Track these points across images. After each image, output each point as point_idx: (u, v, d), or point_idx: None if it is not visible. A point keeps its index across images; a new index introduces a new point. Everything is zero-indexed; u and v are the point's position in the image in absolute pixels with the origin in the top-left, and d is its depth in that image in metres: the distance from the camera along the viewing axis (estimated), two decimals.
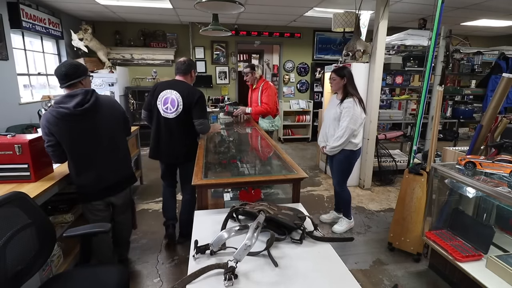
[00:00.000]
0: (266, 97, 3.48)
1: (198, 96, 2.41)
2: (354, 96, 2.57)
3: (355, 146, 2.63)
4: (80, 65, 1.86)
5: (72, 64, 1.83)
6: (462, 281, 1.98)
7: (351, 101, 2.54)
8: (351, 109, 2.52)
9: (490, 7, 4.46)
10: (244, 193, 1.72)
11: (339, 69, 2.67)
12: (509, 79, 1.93)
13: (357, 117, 2.53)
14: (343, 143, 2.57)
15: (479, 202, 2.17)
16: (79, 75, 1.82)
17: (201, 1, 2.47)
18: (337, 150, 2.62)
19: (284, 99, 6.78)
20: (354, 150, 2.64)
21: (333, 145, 2.61)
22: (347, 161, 2.69)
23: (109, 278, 1.43)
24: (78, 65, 1.85)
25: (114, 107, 1.99)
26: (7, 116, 3.60)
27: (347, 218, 2.89)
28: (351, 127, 2.52)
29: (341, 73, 2.61)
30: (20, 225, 1.28)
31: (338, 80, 2.62)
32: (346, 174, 2.77)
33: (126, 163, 2.09)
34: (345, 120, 2.54)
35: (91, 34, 5.19)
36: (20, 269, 1.26)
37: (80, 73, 1.82)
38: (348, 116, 2.52)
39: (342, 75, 2.61)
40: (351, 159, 2.69)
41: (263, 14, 5.20)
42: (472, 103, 4.73)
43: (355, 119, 2.52)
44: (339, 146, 2.59)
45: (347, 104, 2.55)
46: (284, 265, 1.09)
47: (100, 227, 1.54)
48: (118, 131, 2.02)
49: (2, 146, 1.76)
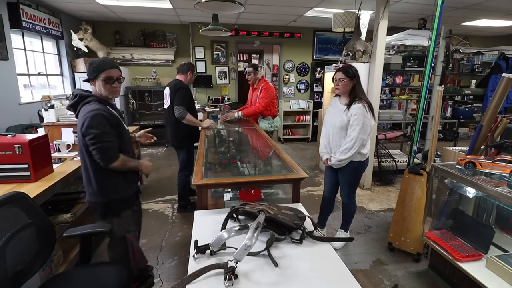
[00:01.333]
0: (262, 97, 3.55)
1: (178, 87, 2.93)
2: (363, 100, 2.20)
3: (363, 156, 2.31)
4: (91, 63, 1.63)
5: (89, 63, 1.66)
6: (462, 281, 1.98)
7: (360, 107, 2.17)
8: (361, 117, 2.15)
9: (490, 7, 4.46)
10: (244, 193, 1.72)
11: (347, 68, 2.25)
12: (509, 79, 1.93)
13: (367, 126, 2.18)
14: (352, 156, 2.22)
15: (479, 202, 2.17)
16: (89, 75, 1.66)
17: (201, 1, 2.47)
18: (344, 163, 2.27)
19: (284, 99, 6.78)
20: (363, 161, 2.32)
21: (340, 157, 2.24)
22: (355, 173, 2.37)
23: (108, 278, 1.43)
24: (90, 63, 1.64)
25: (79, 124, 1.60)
26: (7, 116, 3.60)
27: (344, 231, 2.64)
28: (362, 137, 2.17)
29: (351, 73, 2.22)
30: (20, 225, 1.28)
31: (347, 81, 2.22)
32: (354, 186, 2.48)
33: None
34: (354, 129, 2.17)
35: (91, 34, 5.19)
36: (20, 269, 1.26)
37: (88, 73, 1.65)
38: (358, 125, 2.16)
39: (351, 76, 2.21)
40: (360, 171, 2.38)
41: (263, 14, 5.20)
42: (472, 103, 4.72)
43: (365, 128, 2.17)
44: (348, 159, 2.24)
45: (356, 110, 2.17)
46: (284, 265, 1.09)
47: (99, 227, 1.54)
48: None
49: (2, 146, 1.76)
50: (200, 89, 6.38)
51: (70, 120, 2.62)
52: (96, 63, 1.60)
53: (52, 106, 2.69)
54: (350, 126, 2.21)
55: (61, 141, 2.50)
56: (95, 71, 1.59)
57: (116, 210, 1.70)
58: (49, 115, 2.62)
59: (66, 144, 2.50)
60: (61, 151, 2.48)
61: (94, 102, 1.59)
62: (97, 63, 1.60)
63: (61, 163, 2.25)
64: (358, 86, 2.24)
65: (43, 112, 2.66)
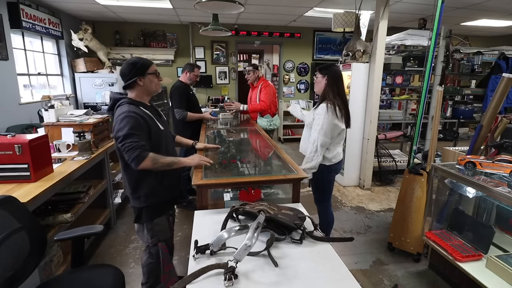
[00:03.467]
0: (264, 95, 3.54)
1: (173, 89, 3.14)
2: (330, 101, 2.07)
3: (328, 161, 2.16)
4: (133, 63, 1.61)
5: (127, 62, 1.62)
6: (462, 281, 1.98)
7: (323, 107, 2.07)
8: (321, 117, 2.06)
9: (490, 7, 4.46)
10: (244, 193, 1.72)
11: (322, 66, 2.19)
12: (509, 79, 1.93)
13: (327, 128, 2.06)
14: (316, 164, 2.09)
15: (479, 202, 2.17)
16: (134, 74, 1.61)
17: (201, 1, 2.47)
18: (310, 171, 2.10)
19: (284, 99, 6.78)
20: (327, 165, 2.16)
21: (304, 167, 2.08)
22: (320, 177, 2.18)
23: (104, 281, 1.41)
24: (132, 63, 1.61)
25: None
26: (7, 116, 3.60)
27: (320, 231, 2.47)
28: (321, 138, 2.06)
29: (324, 71, 2.14)
30: (9, 229, 1.25)
31: (320, 79, 2.15)
32: (323, 191, 2.32)
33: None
34: (315, 130, 2.09)
35: (91, 34, 5.18)
36: (12, 274, 1.23)
37: (134, 73, 1.61)
38: (318, 125, 2.07)
39: (324, 74, 2.14)
40: (324, 175, 2.19)
41: (263, 14, 5.20)
42: (472, 103, 4.72)
43: (325, 129, 2.05)
44: (313, 169, 2.10)
45: (318, 110, 2.10)
46: (284, 265, 1.09)
47: (91, 230, 1.52)
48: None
49: (2, 146, 1.76)
50: (200, 89, 6.38)
51: (70, 120, 2.62)
52: (140, 61, 1.61)
53: (52, 106, 2.68)
54: (312, 126, 2.14)
55: (61, 141, 2.50)
56: (142, 67, 1.61)
57: (148, 215, 1.66)
58: (49, 115, 2.62)
59: (66, 144, 2.50)
60: (61, 151, 2.48)
61: (125, 104, 1.60)
62: (140, 61, 1.61)
63: (61, 163, 2.25)
64: (330, 86, 2.12)
65: (43, 112, 2.65)
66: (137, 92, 1.66)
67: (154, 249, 1.70)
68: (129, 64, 1.60)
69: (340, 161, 2.25)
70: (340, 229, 2.95)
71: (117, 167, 3.12)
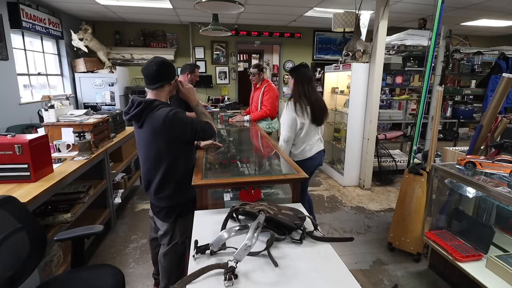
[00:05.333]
0: (267, 100, 3.50)
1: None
2: (293, 100, 2.29)
3: (295, 156, 2.33)
4: (185, 65, 1.70)
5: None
6: (462, 281, 1.98)
7: (286, 104, 2.32)
8: (284, 114, 2.32)
9: (490, 7, 4.46)
10: (244, 193, 1.72)
11: (293, 68, 2.39)
12: (509, 79, 1.93)
13: (288, 123, 2.28)
14: (284, 151, 2.27)
15: (479, 202, 2.17)
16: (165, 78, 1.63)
17: (201, 1, 2.47)
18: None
19: (284, 99, 6.77)
20: (295, 160, 2.15)
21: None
22: None
23: (104, 281, 1.41)
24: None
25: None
26: (7, 116, 3.60)
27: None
28: (284, 133, 2.32)
29: (293, 73, 2.33)
30: (10, 229, 1.25)
31: (290, 79, 2.36)
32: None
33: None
34: (281, 126, 2.36)
35: (91, 34, 5.18)
36: (12, 274, 1.23)
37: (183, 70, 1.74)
38: (282, 121, 2.34)
39: (293, 75, 2.32)
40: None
41: (263, 14, 5.20)
42: (472, 103, 4.72)
43: (286, 124, 2.29)
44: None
45: (284, 109, 2.34)
46: (284, 265, 1.09)
47: (90, 230, 1.52)
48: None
49: (2, 146, 1.76)
50: (200, 89, 6.38)
51: (70, 120, 2.62)
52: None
53: (52, 106, 2.68)
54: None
55: (61, 141, 2.50)
56: (175, 72, 1.72)
57: (185, 212, 1.72)
58: (49, 115, 2.62)
59: (66, 144, 2.50)
60: (61, 151, 2.48)
61: (163, 105, 1.58)
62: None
63: (61, 163, 2.25)
64: (297, 86, 2.29)
65: (43, 112, 2.65)
66: (165, 94, 1.67)
67: (181, 246, 1.74)
68: (168, 65, 1.63)
69: (312, 157, 2.37)
70: (340, 229, 2.95)
71: (117, 167, 3.11)
